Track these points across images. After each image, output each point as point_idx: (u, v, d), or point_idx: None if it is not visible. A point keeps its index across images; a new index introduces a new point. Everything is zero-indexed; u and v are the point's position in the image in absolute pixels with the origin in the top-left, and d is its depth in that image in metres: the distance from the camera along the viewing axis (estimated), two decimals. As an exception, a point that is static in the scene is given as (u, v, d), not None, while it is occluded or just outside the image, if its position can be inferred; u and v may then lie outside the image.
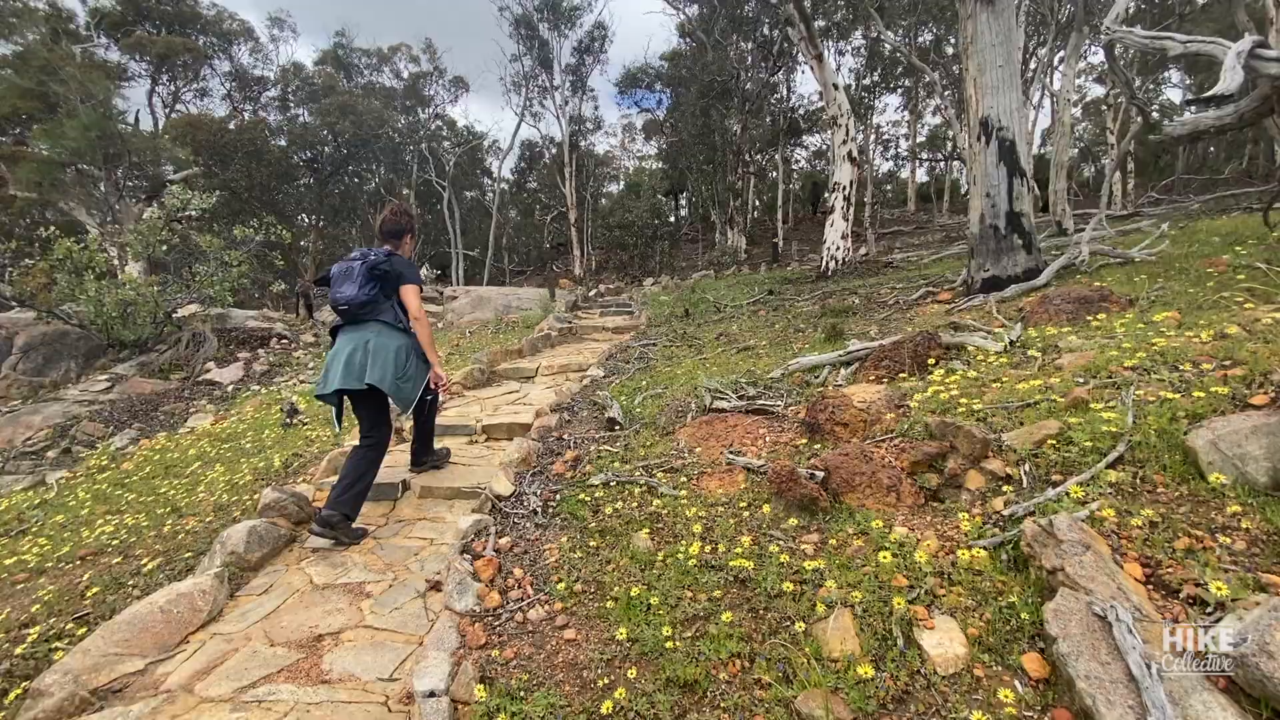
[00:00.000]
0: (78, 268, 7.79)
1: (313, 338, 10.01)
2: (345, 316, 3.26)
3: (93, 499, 4.99)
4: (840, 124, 11.06)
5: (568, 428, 4.36)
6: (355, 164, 27.97)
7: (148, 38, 26.18)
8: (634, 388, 5.18)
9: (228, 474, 5.01)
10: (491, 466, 3.95)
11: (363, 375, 3.13)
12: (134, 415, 7.39)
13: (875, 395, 3.36)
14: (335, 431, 3.93)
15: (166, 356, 8.69)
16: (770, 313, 8.00)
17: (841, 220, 10.84)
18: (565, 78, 31.08)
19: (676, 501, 2.88)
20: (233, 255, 8.83)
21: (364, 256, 3.26)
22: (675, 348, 6.62)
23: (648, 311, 9.80)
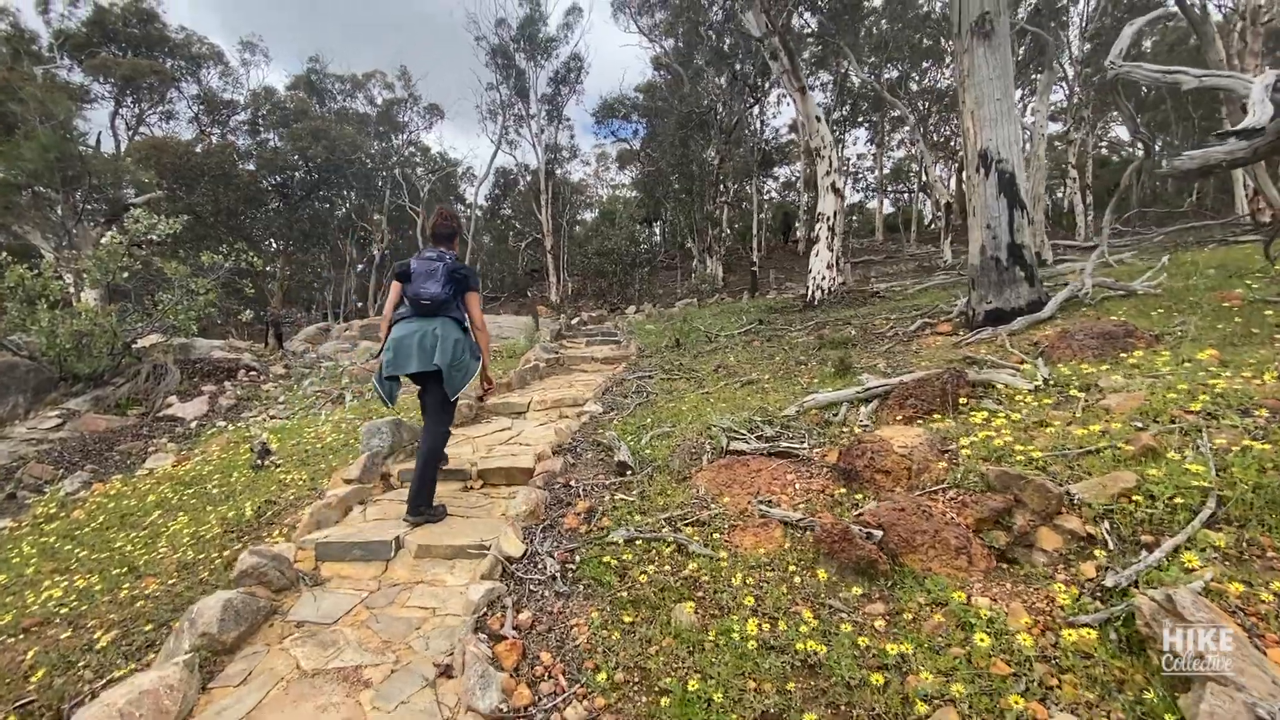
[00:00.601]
0: (30, 296, 7.23)
1: (283, 369, 9.50)
2: (423, 310, 3.54)
3: (39, 554, 4.46)
4: (823, 155, 11.13)
5: (573, 472, 4.05)
6: (327, 189, 27.47)
7: (113, 60, 25.55)
8: (638, 425, 4.90)
9: (192, 525, 4.54)
10: (492, 519, 3.61)
11: (431, 358, 3.46)
12: (87, 455, 6.80)
13: (914, 439, 3.15)
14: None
15: (124, 390, 8.11)
16: (764, 343, 7.84)
17: (826, 250, 10.84)
18: (541, 107, 31.23)
19: (715, 564, 2.60)
20: (200, 283, 8.34)
21: (441, 258, 3.57)
22: (674, 380, 6.37)
23: (637, 341, 9.57)
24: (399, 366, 3.51)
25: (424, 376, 3.56)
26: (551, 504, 3.50)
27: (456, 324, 3.60)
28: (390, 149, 31.32)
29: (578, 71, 30.76)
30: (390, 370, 3.55)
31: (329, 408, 8.02)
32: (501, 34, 28.93)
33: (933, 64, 29.37)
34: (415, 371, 3.50)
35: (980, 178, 6.01)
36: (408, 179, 30.11)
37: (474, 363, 3.68)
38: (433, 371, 3.49)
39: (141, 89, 26.50)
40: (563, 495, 3.65)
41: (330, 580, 3.11)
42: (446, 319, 3.56)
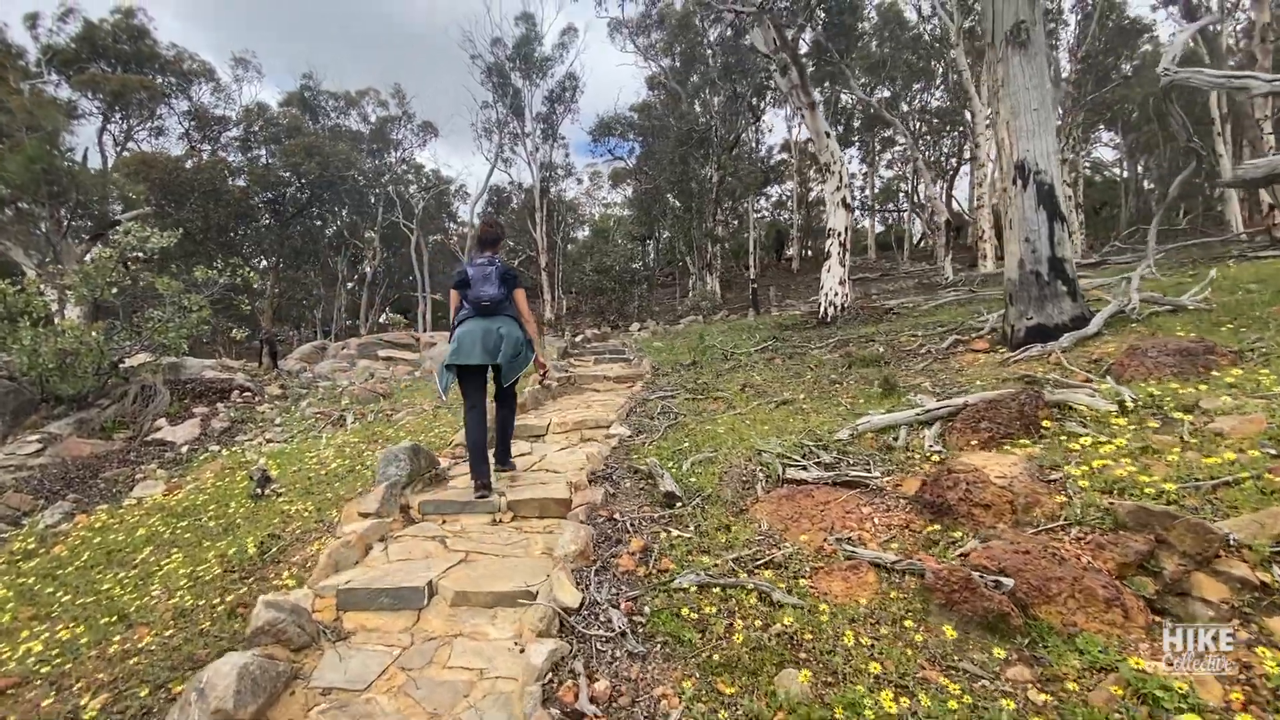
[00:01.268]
0: (11, 313, 6.79)
1: (279, 390, 9.07)
2: (483, 310, 3.96)
3: (15, 598, 4.01)
4: (833, 170, 10.99)
5: (615, 503, 3.70)
6: (319, 206, 27.10)
7: (102, 76, 25.19)
8: (673, 450, 4.57)
9: (188, 564, 4.13)
10: (531, 558, 3.25)
11: (497, 354, 3.90)
12: (69, 484, 6.33)
13: (1010, 468, 2.84)
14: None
15: (110, 413, 7.64)
16: (786, 361, 7.55)
17: (839, 266, 10.64)
18: (536, 125, 31.18)
19: (812, 617, 2.26)
20: (193, 299, 7.93)
21: (491, 262, 4.01)
22: (700, 401, 6.05)
23: (649, 359, 9.25)
24: (463, 357, 3.91)
25: (483, 367, 4.02)
26: (599, 541, 3.14)
27: (514, 321, 4.03)
28: (383, 166, 31.06)
29: (573, 91, 30.81)
30: (453, 359, 3.94)
31: (329, 430, 7.60)
32: (497, 53, 28.94)
33: (924, 85, 29.75)
34: (478, 363, 3.93)
35: (1017, 190, 5.81)
36: (401, 196, 29.80)
37: (529, 352, 4.12)
38: (493, 364, 3.96)
39: (131, 105, 26.11)
40: (609, 531, 3.30)
41: (355, 634, 2.73)
42: (505, 317, 4.00)
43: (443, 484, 4.52)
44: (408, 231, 29.44)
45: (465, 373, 4.02)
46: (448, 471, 4.80)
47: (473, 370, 4.02)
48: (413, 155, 33.64)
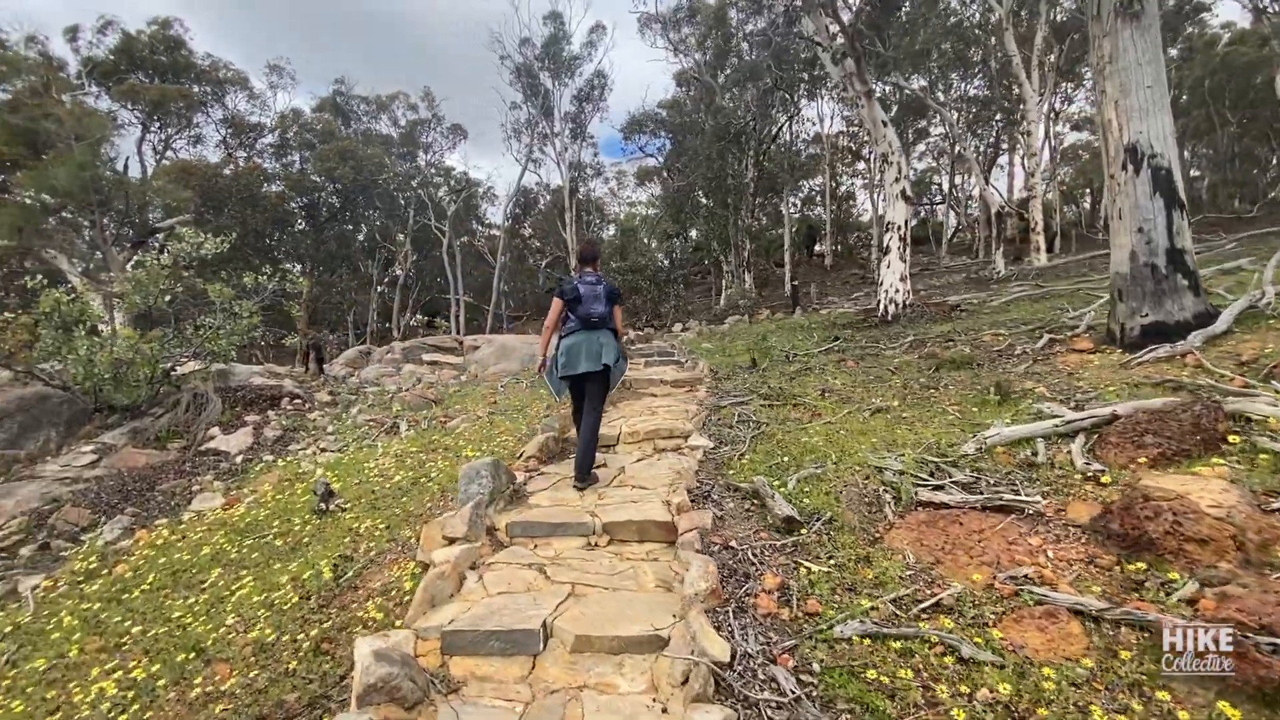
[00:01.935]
0: (66, 323, 6.70)
1: (328, 396, 8.90)
2: (591, 325, 4.37)
3: (82, 627, 3.81)
4: (891, 161, 10.49)
5: (726, 528, 3.35)
6: (352, 210, 27.23)
7: (141, 86, 25.60)
8: (768, 464, 4.21)
9: (260, 587, 3.89)
10: (645, 591, 2.92)
11: (599, 361, 4.32)
12: (126, 496, 6.19)
13: (1222, 495, 2.43)
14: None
15: (163, 422, 7.53)
16: (859, 363, 7.13)
17: (899, 261, 10.14)
18: (565, 125, 30.99)
19: (1027, 681, 1.88)
20: (245, 305, 7.79)
21: (599, 282, 4.45)
22: (778, 408, 5.67)
23: (704, 361, 8.88)
24: (573, 368, 4.34)
25: (588, 374, 4.38)
26: (725, 575, 2.80)
27: (613, 334, 4.48)
28: (413, 169, 31.13)
29: (601, 89, 30.54)
30: (565, 371, 4.39)
31: (384, 438, 7.38)
32: (526, 53, 28.79)
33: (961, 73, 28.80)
34: (585, 371, 4.34)
35: (1128, 175, 5.31)
36: (432, 199, 29.83)
37: (625, 361, 4.64)
38: (596, 370, 4.34)
39: (169, 114, 26.52)
40: (730, 562, 2.95)
41: (467, 684, 2.42)
42: (606, 330, 4.43)
43: (523, 501, 4.22)
44: (439, 234, 29.45)
45: (574, 380, 4.50)
46: (524, 487, 4.50)
47: (578, 378, 4.45)
48: (442, 158, 33.70)
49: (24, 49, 23.76)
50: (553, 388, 4.66)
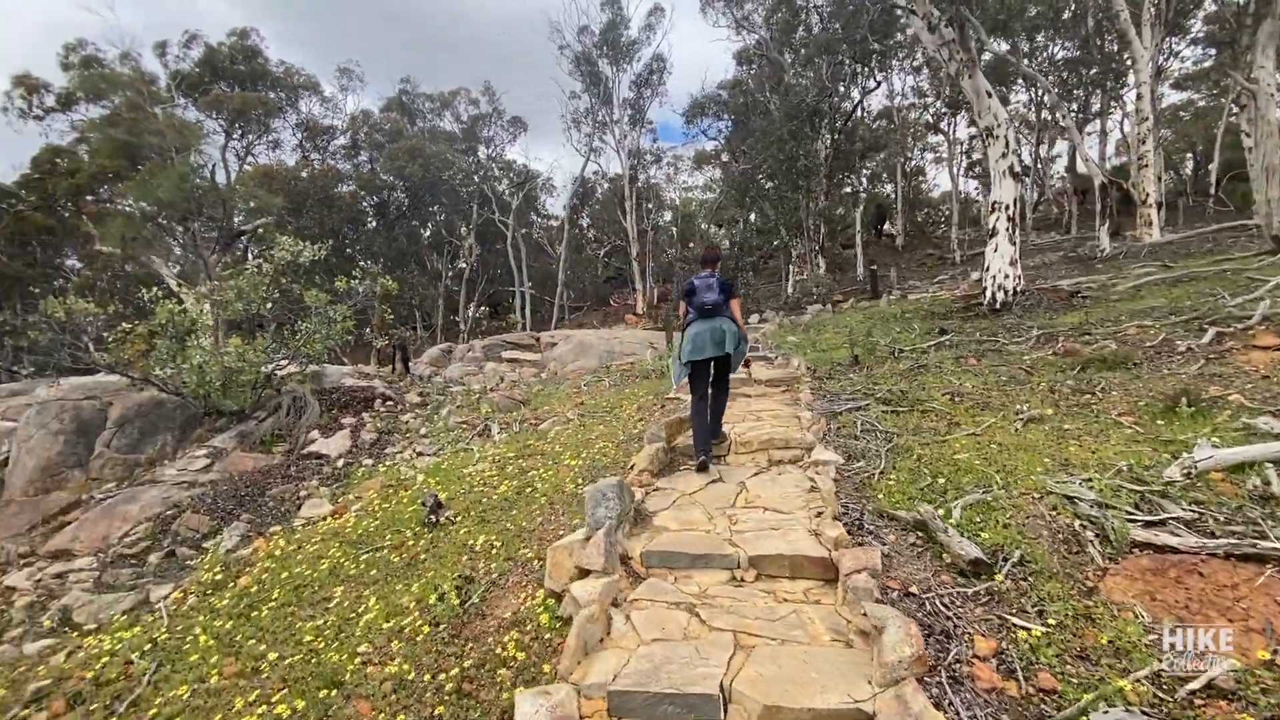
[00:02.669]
0: (179, 332, 6.93)
1: (418, 397, 8.96)
2: (706, 313, 4.78)
3: (217, 647, 3.83)
4: (997, 135, 9.63)
5: (898, 568, 2.98)
6: (419, 207, 27.81)
7: (224, 95, 26.79)
8: (920, 486, 3.79)
9: (385, 610, 3.79)
10: (819, 644, 2.59)
11: (722, 346, 4.68)
12: (240, 502, 6.35)
13: None
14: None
15: (267, 425, 7.72)
16: (980, 360, 6.53)
17: (1008, 244, 9.32)
18: (624, 112, 30.62)
19: None
20: (340, 309, 7.90)
21: (713, 275, 4.87)
22: (903, 415, 5.20)
23: (796, 358, 8.42)
24: (698, 354, 4.74)
25: (710, 360, 4.82)
26: (921, 633, 2.44)
27: (731, 320, 4.78)
28: (476, 164, 31.51)
29: (660, 73, 29.97)
30: (690, 357, 4.78)
31: (477, 441, 7.33)
32: (584, 41, 28.55)
33: (1050, 34, 26.59)
34: (709, 357, 4.74)
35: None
36: (495, 193, 30.14)
37: (745, 346, 4.97)
38: (720, 356, 4.75)
39: (250, 121, 27.72)
40: (917, 614, 2.59)
41: (644, 757, 2.17)
42: (724, 318, 4.76)
43: (647, 523, 3.96)
44: (502, 227, 29.75)
45: (696, 366, 4.85)
46: (643, 504, 4.24)
47: (701, 364, 4.84)
48: (503, 151, 33.94)
49: (119, 66, 25.28)
50: (675, 374, 5.17)
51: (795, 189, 18.25)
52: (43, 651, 4.44)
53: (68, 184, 24.31)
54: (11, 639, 4.67)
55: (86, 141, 25.50)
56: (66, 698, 3.66)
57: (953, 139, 28.42)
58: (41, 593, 5.25)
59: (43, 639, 4.58)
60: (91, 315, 8.02)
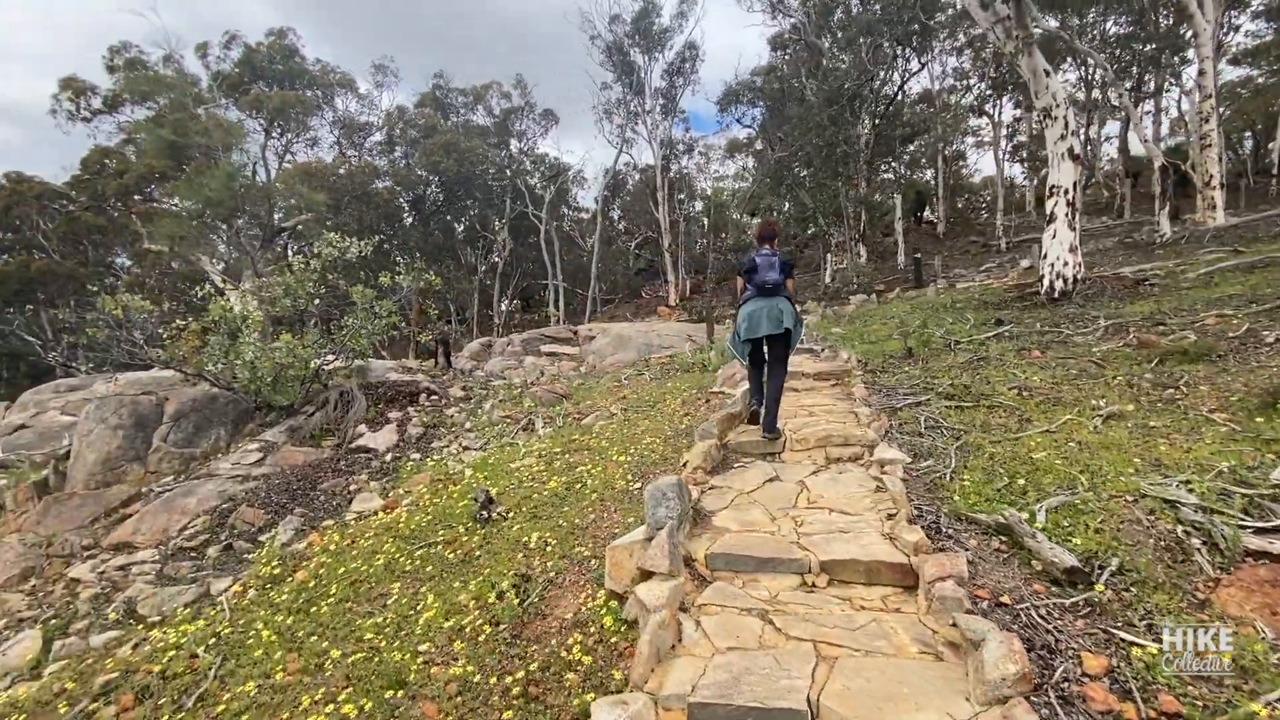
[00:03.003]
0: (231, 329, 7.07)
1: (461, 391, 9.00)
2: (765, 292, 4.83)
3: (280, 642, 3.86)
4: (1055, 116, 9.18)
5: (985, 576, 2.81)
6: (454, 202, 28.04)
7: (264, 95, 27.32)
8: (997, 487, 3.60)
9: (444, 608, 3.77)
10: (906, 657, 2.45)
11: (780, 324, 4.78)
12: (293, 496, 6.45)
13: None
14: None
15: (315, 420, 7.84)
16: (1044, 352, 6.22)
17: (1067, 230, 8.89)
18: (656, 101, 30.34)
19: None
20: (384, 304, 7.96)
21: (773, 254, 4.87)
22: (968, 410, 4.98)
23: (845, 350, 8.19)
24: (755, 332, 4.87)
25: (768, 337, 4.90)
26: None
27: (789, 299, 4.91)
28: (508, 158, 31.61)
29: (692, 61, 29.64)
30: (747, 335, 4.94)
31: (522, 436, 7.31)
32: (616, 30, 28.35)
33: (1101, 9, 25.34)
34: (766, 334, 4.85)
35: None
36: (528, 187, 30.22)
37: (801, 324, 5.09)
38: (777, 334, 4.83)
39: (289, 119, 28.27)
40: (1013, 627, 2.42)
41: (731, 776, 2.07)
42: (782, 297, 4.86)
43: (706, 523, 3.85)
44: (535, 221, 29.82)
45: (753, 343, 5.02)
46: (700, 503, 4.13)
47: (757, 341, 4.99)
48: (535, 145, 33.98)
49: (163, 67, 26.01)
50: (736, 351, 5.32)
51: (835, 176, 17.80)
52: (109, 644, 4.54)
53: (116, 184, 25.17)
54: (78, 631, 4.80)
55: (133, 142, 26.36)
56: (134, 691, 3.71)
57: (997, 121, 27.35)
58: (105, 585, 5.39)
59: (108, 631, 4.69)
60: (145, 312, 8.22)
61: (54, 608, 5.20)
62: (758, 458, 5.08)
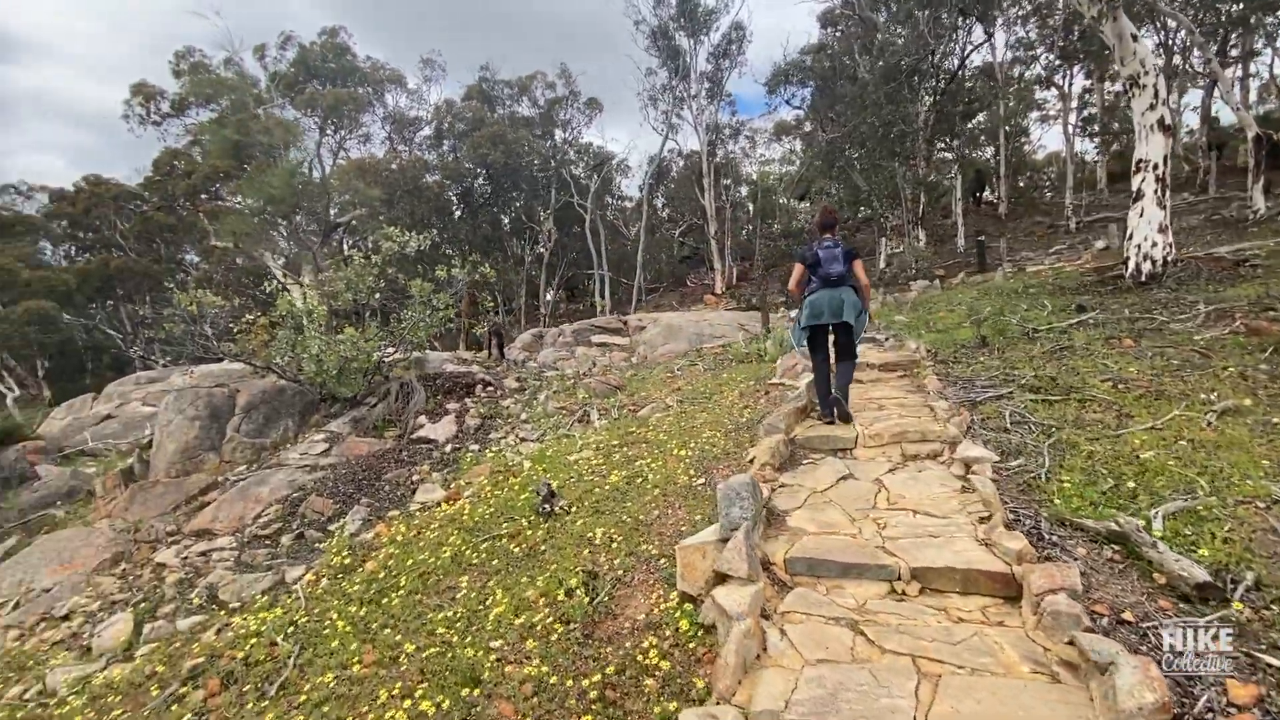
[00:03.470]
0: (298, 324, 7.27)
1: (516, 382, 9.04)
2: (830, 283, 4.88)
3: (355, 633, 3.92)
4: (1143, 84, 8.49)
5: (1092, 586, 2.58)
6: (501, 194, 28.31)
7: (318, 93, 28.07)
8: (1101, 489, 3.32)
9: (511, 602, 3.75)
10: (1016, 675, 2.26)
11: (842, 314, 4.85)
12: (359, 486, 6.60)
13: None
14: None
15: (378, 411, 8.01)
16: (1139, 341, 5.77)
17: (1156, 207, 8.25)
18: (701, 85, 29.78)
19: None
20: (441, 298, 8.05)
21: (836, 244, 4.92)
22: (1057, 404, 4.65)
23: (912, 340, 7.84)
24: (815, 320, 4.94)
25: (831, 326, 4.99)
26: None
27: (854, 289, 4.95)
28: (553, 148, 31.66)
29: (739, 42, 28.89)
30: (807, 322, 4.99)
31: (578, 428, 7.29)
32: (660, 13, 27.86)
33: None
34: (828, 323, 4.93)
35: None
36: (573, 177, 30.24)
37: (865, 314, 5.12)
38: (838, 323, 4.91)
39: (342, 117, 29.00)
40: (1142, 649, 2.20)
41: (836, 802, 1.94)
42: (847, 287, 4.92)
43: (780, 524, 3.70)
44: (580, 210, 29.84)
45: (814, 331, 5.05)
46: (772, 502, 3.98)
47: (820, 329, 5.04)
48: (579, 134, 33.91)
49: (224, 70, 27.03)
50: (794, 339, 5.36)
51: (891, 156, 17.08)
52: (194, 628, 4.72)
53: (185, 184, 26.39)
54: (165, 614, 5.01)
55: (199, 143, 27.56)
56: (220, 676, 3.83)
57: (1067, 93, 25.77)
58: (189, 570, 5.62)
59: (193, 615, 4.88)
60: (217, 307, 8.54)
61: (143, 591, 5.45)
62: (828, 454, 4.88)
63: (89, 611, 5.27)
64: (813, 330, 5.03)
